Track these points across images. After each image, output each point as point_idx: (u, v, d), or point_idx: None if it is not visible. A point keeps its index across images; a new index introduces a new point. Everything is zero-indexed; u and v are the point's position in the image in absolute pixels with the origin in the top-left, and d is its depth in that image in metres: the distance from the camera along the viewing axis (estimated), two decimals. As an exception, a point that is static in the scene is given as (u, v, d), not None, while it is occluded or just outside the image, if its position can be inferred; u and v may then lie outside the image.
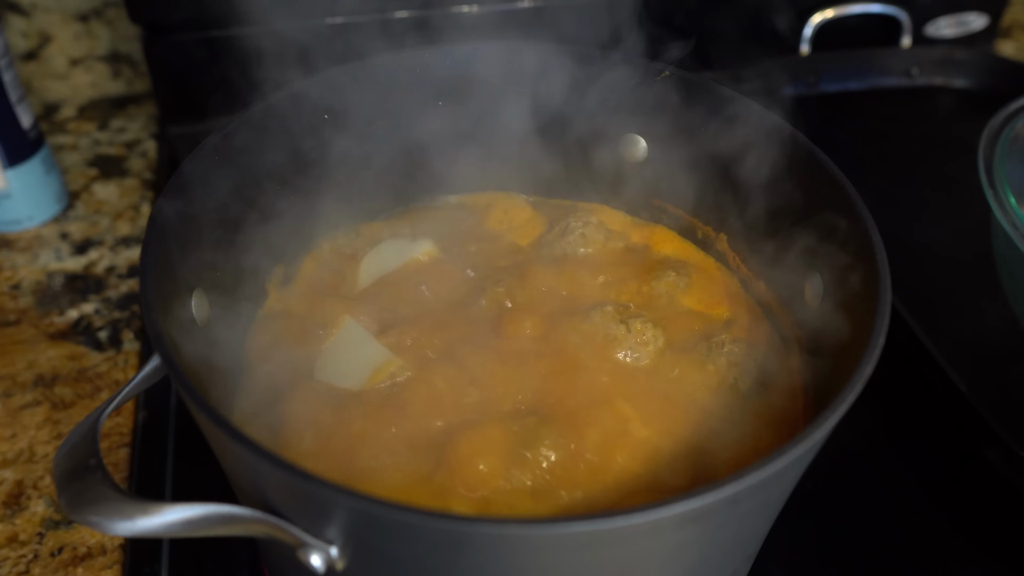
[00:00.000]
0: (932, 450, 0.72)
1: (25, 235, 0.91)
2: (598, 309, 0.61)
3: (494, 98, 0.69)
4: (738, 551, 0.51)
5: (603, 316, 0.60)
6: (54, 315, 0.83)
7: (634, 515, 0.37)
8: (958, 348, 0.75)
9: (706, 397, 0.58)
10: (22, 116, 0.87)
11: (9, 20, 1.05)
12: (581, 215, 0.69)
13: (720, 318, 0.64)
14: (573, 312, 0.62)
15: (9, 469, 0.69)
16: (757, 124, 0.61)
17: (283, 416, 0.55)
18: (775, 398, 0.58)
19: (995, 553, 0.65)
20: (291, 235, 0.66)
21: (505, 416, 0.55)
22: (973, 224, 0.79)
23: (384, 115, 0.68)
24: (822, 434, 0.42)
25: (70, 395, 0.75)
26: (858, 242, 0.51)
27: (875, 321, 0.46)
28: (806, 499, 0.65)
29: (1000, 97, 0.77)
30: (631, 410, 0.56)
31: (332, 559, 0.41)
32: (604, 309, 0.61)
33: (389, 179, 0.70)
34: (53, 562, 0.63)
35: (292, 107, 0.62)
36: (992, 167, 0.70)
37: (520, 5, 1.04)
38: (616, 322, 0.60)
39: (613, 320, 0.60)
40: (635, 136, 0.69)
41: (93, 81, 1.14)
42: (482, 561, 0.41)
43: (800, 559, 0.64)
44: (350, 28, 0.98)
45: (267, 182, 0.61)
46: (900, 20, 1.15)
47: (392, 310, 0.62)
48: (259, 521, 0.41)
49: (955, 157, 0.90)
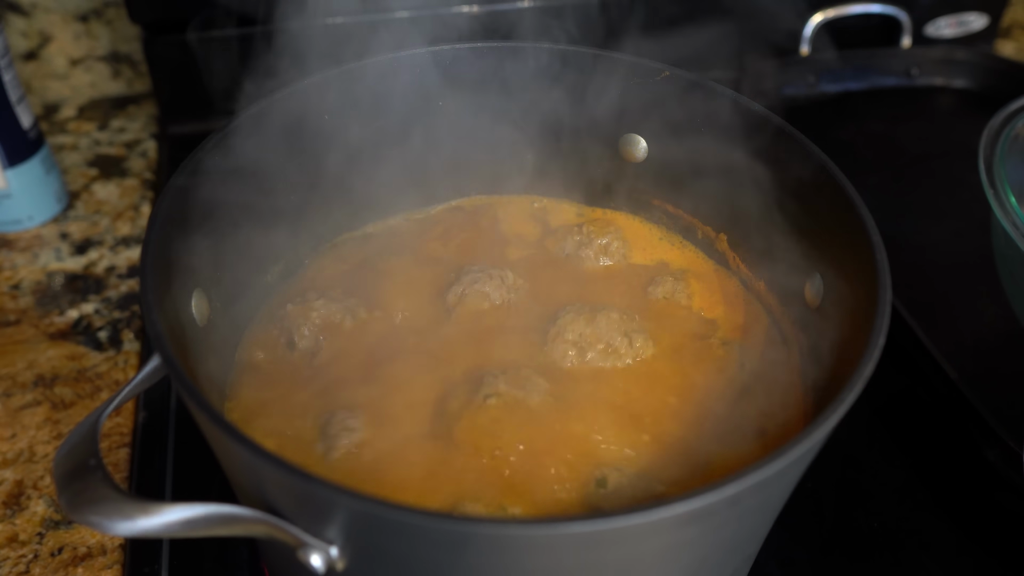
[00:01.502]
0: (932, 450, 0.72)
1: (25, 235, 0.91)
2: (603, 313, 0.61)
3: (493, 99, 0.69)
4: (738, 551, 0.51)
5: (608, 321, 0.60)
6: (54, 315, 0.83)
7: (634, 515, 0.37)
8: (958, 348, 0.75)
9: (705, 398, 0.58)
10: (22, 116, 0.87)
11: (9, 20, 1.05)
12: (589, 220, 0.70)
13: (720, 319, 0.64)
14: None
15: (9, 469, 0.69)
16: (757, 124, 0.61)
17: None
18: (775, 398, 0.58)
19: (995, 552, 0.65)
20: (293, 235, 0.66)
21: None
22: (973, 224, 0.79)
23: (384, 115, 0.67)
24: (822, 434, 0.42)
25: (70, 395, 0.75)
26: (858, 242, 0.51)
27: (875, 321, 0.46)
28: (806, 499, 0.65)
29: (1000, 97, 0.77)
30: (628, 412, 0.56)
31: (332, 559, 0.41)
32: (609, 315, 0.60)
33: (390, 180, 0.70)
34: (53, 562, 0.63)
35: (293, 107, 0.62)
36: (992, 167, 0.70)
37: (520, 5, 1.04)
38: (617, 332, 0.60)
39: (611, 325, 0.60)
40: (635, 136, 0.69)
41: (93, 81, 1.14)
42: (482, 561, 0.41)
43: (800, 559, 0.64)
44: (351, 28, 0.98)
45: (268, 182, 0.61)
46: (900, 20, 1.15)
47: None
48: (259, 521, 0.41)
49: (955, 157, 0.90)
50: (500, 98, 0.69)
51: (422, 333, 0.61)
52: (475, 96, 0.69)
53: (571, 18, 0.78)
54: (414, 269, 0.67)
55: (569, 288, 0.65)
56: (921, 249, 0.88)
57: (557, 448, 0.54)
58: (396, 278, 0.66)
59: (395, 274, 0.66)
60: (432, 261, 0.68)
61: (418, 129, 0.69)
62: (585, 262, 0.67)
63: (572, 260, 0.68)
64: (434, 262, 0.67)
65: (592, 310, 0.61)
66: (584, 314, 0.60)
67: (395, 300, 0.64)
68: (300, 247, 0.68)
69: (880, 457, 0.71)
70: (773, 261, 0.63)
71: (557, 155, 0.72)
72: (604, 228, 0.69)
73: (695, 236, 0.70)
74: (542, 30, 0.79)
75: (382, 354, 0.60)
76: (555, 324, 0.60)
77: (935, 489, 0.69)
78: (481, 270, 0.64)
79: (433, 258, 0.68)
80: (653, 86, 0.65)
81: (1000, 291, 0.76)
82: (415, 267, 0.67)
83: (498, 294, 0.63)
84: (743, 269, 0.66)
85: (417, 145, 0.70)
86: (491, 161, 0.73)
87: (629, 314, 0.62)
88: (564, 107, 0.69)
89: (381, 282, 0.66)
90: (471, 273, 0.64)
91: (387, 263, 0.67)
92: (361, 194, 0.69)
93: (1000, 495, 0.68)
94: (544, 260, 0.68)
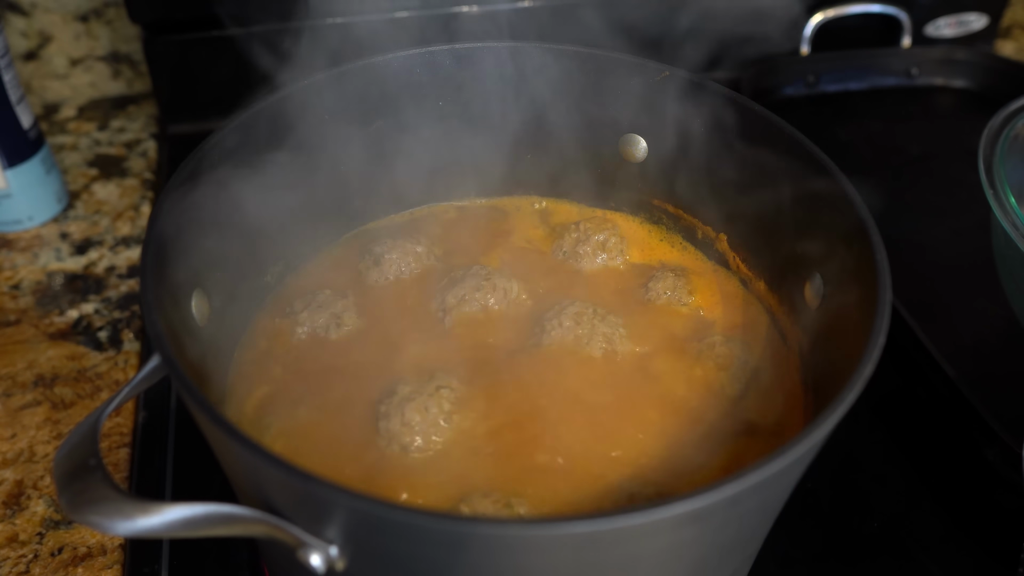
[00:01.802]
0: (932, 450, 0.72)
1: (25, 235, 0.91)
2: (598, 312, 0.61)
3: (493, 99, 0.69)
4: (738, 551, 0.51)
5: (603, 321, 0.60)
6: (54, 315, 0.83)
7: (634, 515, 0.37)
8: (958, 348, 0.75)
9: (704, 398, 0.58)
10: (22, 116, 0.87)
11: (9, 20, 1.05)
12: (587, 218, 0.70)
13: (719, 318, 0.64)
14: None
15: (9, 469, 0.69)
16: (756, 124, 0.61)
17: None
18: (775, 398, 0.58)
19: (994, 552, 0.65)
20: (293, 235, 0.66)
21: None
22: (973, 224, 0.79)
23: (385, 115, 0.67)
24: (822, 434, 0.42)
25: (70, 395, 0.75)
26: (858, 242, 0.51)
27: (875, 321, 0.46)
28: (806, 499, 0.65)
29: (1000, 97, 0.77)
30: (625, 412, 0.56)
31: (332, 559, 0.41)
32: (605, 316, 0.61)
33: (391, 181, 0.70)
34: (53, 562, 0.63)
35: (293, 107, 0.62)
36: (992, 167, 0.70)
37: (520, 5, 1.04)
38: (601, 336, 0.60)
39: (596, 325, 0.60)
40: (635, 136, 0.69)
41: (93, 81, 1.14)
42: (482, 561, 0.41)
43: (800, 559, 0.64)
44: (350, 27, 0.98)
45: (268, 181, 0.61)
46: (900, 20, 1.15)
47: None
48: (259, 521, 0.41)
49: (955, 157, 0.90)
50: (500, 98, 0.69)
51: (419, 336, 0.61)
52: (475, 96, 0.69)
53: (570, 18, 0.78)
54: (414, 271, 0.67)
55: (568, 290, 0.65)
56: (921, 249, 0.88)
57: (558, 448, 0.54)
58: (395, 278, 0.66)
59: (394, 274, 0.66)
60: (432, 261, 0.68)
61: (418, 129, 0.69)
62: (584, 263, 0.67)
63: (571, 261, 0.68)
64: (434, 262, 0.68)
65: (588, 308, 0.61)
66: (580, 312, 0.60)
67: (392, 302, 0.64)
68: (300, 247, 0.67)
69: (880, 457, 0.71)
70: (773, 261, 0.63)
71: (557, 155, 0.72)
72: (603, 228, 0.69)
73: (695, 236, 0.70)
74: (541, 31, 0.79)
75: (377, 357, 0.60)
76: (546, 323, 0.60)
77: (935, 489, 0.69)
78: (478, 275, 0.64)
79: (432, 258, 0.68)
80: (653, 86, 0.65)
81: (1000, 291, 0.76)
82: (415, 268, 0.67)
83: (494, 299, 0.63)
84: (743, 269, 0.66)
85: (417, 145, 0.70)
86: (492, 161, 0.72)
87: (624, 315, 0.62)
88: (564, 107, 0.69)
89: (381, 282, 0.66)
90: (469, 279, 0.64)
91: (386, 263, 0.67)
92: (361, 194, 0.69)
93: (1000, 495, 0.68)
94: (544, 260, 0.68)
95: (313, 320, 0.61)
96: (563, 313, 0.61)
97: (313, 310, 0.62)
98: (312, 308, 0.62)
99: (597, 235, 0.68)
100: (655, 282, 0.65)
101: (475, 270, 0.64)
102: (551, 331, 0.60)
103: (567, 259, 0.68)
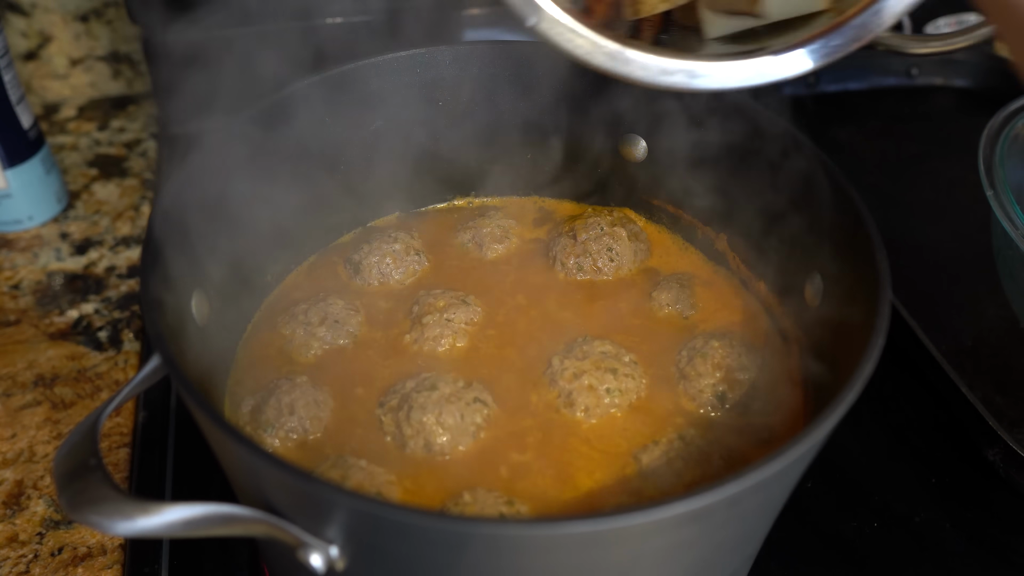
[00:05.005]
0: (932, 450, 0.71)
1: (25, 235, 0.91)
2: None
3: (494, 99, 0.69)
4: (738, 551, 0.51)
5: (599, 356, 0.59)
6: (54, 315, 0.83)
7: (634, 515, 0.37)
8: (958, 348, 0.75)
9: (703, 398, 0.58)
10: (22, 116, 0.87)
11: (9, 20, 1.05)
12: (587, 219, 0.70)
13: (720, 318, 0.64)
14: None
15: (9, 469, 0.69)
16: (757, 124, 0.61)
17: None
18: (775, 398, 0.58)
19: (995, 552, 0.65)
20: (292, 235, 0.66)
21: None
22: (973, 224, 0.79)
23: (384, 115, 0.68)
24: (822, 434, 0.42)
25: (70, 395, 0.75)
26: (858, 242, 0.51)
27: (875, 321, 0.46)
28: (806, 499, 0.65)
29: (1000, 97, 0.77)
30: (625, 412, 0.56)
31: (332, 559, 0.41)
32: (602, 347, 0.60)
33: (389, 180, 0.70)
34: (53, 562, 0.63)
35: (292, 108, 0.62)
36: (992, 167, 0.70)
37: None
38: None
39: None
40: (635, 136, 0.69)
41: (93, 81, 1.14)
42: (482, 561, 0.41)
43: (800, 559, 0.63)
44: (350, 27, 0.98)
45: (267, 182, 0.61)
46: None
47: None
48: (259, 521, 0.41)
49: (955, 157, 0.90)
50: (500, 98, 0.69)
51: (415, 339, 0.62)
52: (475, 96, 0.69)
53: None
54: (414, 271, 0.67)
55: (568, 294, 0.65)
56: (921, 249, 0.88)
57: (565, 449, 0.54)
58: (395, 279, 0.66)
59: (394, 275, 0.66)
60: (431, 261, 0.68)
61: (418, 129, 0.69)
62: (584, 263, 0.67)
63: (569, 264, 0.67)
64: (434, 262, 0.68)
65: (582, 348, 0.59)
66: (575, 355, 0.59)
67: (392, 302, 0.64)
68: (299, 247, 0.68)
69: (880, 457, 0.71)
70: (773, 261, 0.63)
71: (557, 155, 0.72)
72: (603, 228, 0.69)
73: (695, 236, 0.70)
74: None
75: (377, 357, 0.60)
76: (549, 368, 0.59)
77: (935, 489, 0.69)
78: (454, 304, 0.63)
79: (432, 259, 0.68)
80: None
81: (1000, 291, 0.76)
82: (415, 269, 0.67)
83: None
84: (743, 269, 0.66)
85: (417, 146, 0.70)
86: (492, 161, 0.72)
87: (620, 342, 0.61)
88: (564, 107, 0.69)
89: (381, 282, 0.66)
90: (438, 311, 0.62)
91: (386, 264, 0.67)
92: (360, 194, 0.69)
93: (1000, 495, 0.68)
94: (543, 260, 0.68)
95: (313, 320, 0.61)
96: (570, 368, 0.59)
97: (313, 310, 0.62)
98: (312, 308, 0.62)
99: (597, 235, 0.68)
100: (656, 283, 0.65)
101: (446, 307, 0.63)
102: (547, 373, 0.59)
103: (565, 263, 0.68)
